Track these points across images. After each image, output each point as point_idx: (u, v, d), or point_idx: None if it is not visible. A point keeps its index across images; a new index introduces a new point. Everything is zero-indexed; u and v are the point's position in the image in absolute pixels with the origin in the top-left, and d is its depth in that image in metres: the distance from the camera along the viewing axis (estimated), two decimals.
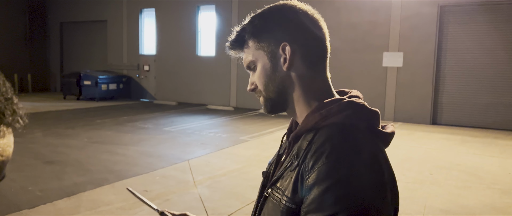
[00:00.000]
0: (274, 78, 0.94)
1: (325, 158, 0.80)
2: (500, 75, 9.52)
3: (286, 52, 0.92)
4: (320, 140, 0.84)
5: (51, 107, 12.12)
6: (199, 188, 4.83)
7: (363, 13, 10.73)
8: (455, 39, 9.96)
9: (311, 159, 0.82)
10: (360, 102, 0.91)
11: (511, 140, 8.15)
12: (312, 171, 0.81)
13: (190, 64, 13.77)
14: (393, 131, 0.92)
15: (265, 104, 0.99)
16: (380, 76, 10.69)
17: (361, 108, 0.90)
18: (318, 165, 0.80)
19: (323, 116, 0.88)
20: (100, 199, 4.37)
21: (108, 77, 14.11)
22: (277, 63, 0.93)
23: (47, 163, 5.77)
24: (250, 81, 1.00)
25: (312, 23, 0.95)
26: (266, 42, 0.94)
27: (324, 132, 0.86)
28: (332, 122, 0.87)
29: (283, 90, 0.95)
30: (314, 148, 0.84)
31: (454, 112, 10.05)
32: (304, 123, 0.91)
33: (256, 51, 0.95)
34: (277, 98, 0.96)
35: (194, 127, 9.00)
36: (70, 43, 17.11)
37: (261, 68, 0.95)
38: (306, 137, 0.89)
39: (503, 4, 9.35)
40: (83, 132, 8.14)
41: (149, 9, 14.61)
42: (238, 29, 0.98)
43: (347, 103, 0.90)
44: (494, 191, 4.89)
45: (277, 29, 0.93)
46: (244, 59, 0.99)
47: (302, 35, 0.93)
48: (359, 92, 1.00)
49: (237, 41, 0.98)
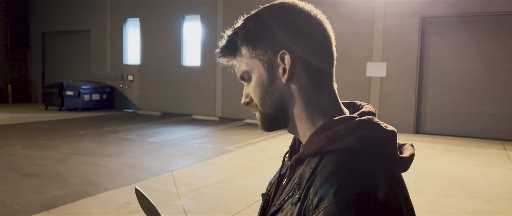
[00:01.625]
0: (271, 91, 0.82)
1: (332, 196, 0.67)
2: (479, 85, 9.73)
3: (286, 61, 0.80)
4: (327, 170, 0.71)
5: (31, 118, 11.85)
6: (183, 199, 4.75)
7: (347, 24, 10.87)
8: (436, 50, 10.16)
9: (315, 195, 0.69)
10: (374, 121, 0.77)
11: (492, 148, 8.29)
12: (317, 211, 0.68)
13: (175, 74, 13.69)
14: (412, 153, 0.80)
15: (262, 121, 0.86)
16: (364, 86, 10.80)
17: (375, 129, 0.76)
18: (324, 205, 0.67)
19: (330, 139, 0.75)
20: (80, 212, 4.26)
21: (91, 87, 13.91)
22: (275, 73, 0.81)
23: (26, 176, 5.61)
24: (245, 93, 0.88)
25: (316, 26, 0.82)
26: (262, 49, 0.81)
27: (331, 159, 0.73)
28: (340, 147, 0.73)
29: (283, 105, 0.83)
30: (320, 180, 0.71)
31: (437, 121, 10.21)
32: (307, 146, 0.78)
33: (251, 59, 0.83)
34: (276, 114, 0.84)
35: (178, 138, 8.90)
36: (53, 53, 16.85)
37: (257, 80, 0.83)
38: (310, 163, 0.76)
39: (481, 16, 9.59)
40: (64, 143, 7.97)
41: (133, 19, 14.52)
42: (229, 34, 0.86)
43: (358, 122, 0.75)
44: (476, 200, 4.95)
45: (274, 34, 0.80)
46: (237, 68, 0.87)
47: (304, 40, 0.80)
48: (372, 106, 0.86)
49: (229, 47, 0.86)
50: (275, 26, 0.81)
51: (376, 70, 10.65)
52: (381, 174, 0.70)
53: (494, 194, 5.15)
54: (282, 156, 0.96)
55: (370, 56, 10.72)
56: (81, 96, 13.46)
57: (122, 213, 4.24)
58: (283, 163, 0.98)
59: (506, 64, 9.45)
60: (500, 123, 9.54)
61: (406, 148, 0.81)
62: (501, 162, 7.05)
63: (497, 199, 4.98)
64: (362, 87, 10.80)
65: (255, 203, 4.65)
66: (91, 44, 15.49)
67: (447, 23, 9.99)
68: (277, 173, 0.98)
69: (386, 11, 10.43)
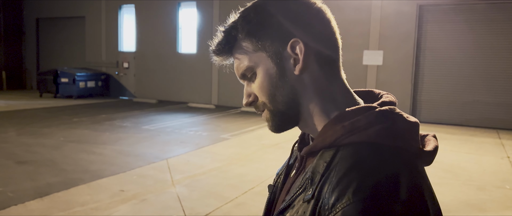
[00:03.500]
0: (282, 86, 0.76)
1: (352, 195, 0.61)
2: (476, 74, 9.72)
3: (297, 50, 0.73)
4: (344, 165, 0.65)
5: (26, 105, 11.78)
6: (177, 187, 4.75)
7: (344, 12, 10.78)
8: (433, 38, 10.12)
9: (332, 193, 0.63)
10: (396, 111, 0.71)
11: (487, 137, 8.33)
12: (334, 210, 0.62)
13: (170, 61, 13.61)
14: (436, 146, 0.74)
15: (272, 120, 0.79)
16: (361, 75, 10.78)
17: (397, 121, 0.70)
18: (342, 205, 0.61)
19: (347, 130, 0.69)
20: (74, 200, 4.25)
21: (86, 74, 13.81)
22: (285, 66, 0.75)
23: (20, 163, 5.59)
24: (246, 92, 0.80)
25: (319, 14, 0.77)
26: (269, 40, 0.75)
27: (348, 153, 0.67)
28: (358, 140, 0.68)
29: (295, 100, 0.76)
30: (336, 176, 0.65)
31: (433, 110, 10.23)
32: (322, 137, 0.72)
33: (255, 53, 0.76)
34: (288, 110, 0.77)
35: (174, 126, 8.88)
36: (47, 39, 16.67)
37: (264, 75, 0.76)
38: (324, 157, 0.70)
39: (479, 4, 9.54)
40: (59, 131, 7.93)
41: (129, 5, 14.36)
42: (226, 28, 0.78)
43: (379, 113, 0.70)
44: (469, 188, 4.98)
45: (280, 23, 0.74)
46: (236, 66, 0.79)
47: (312, 28, 0.75)
48: (393, 95, 0.79)
49: (227, 43, 0.78)
50: (280, 14, 0.75)
51: (373, 58, 10.62)
52: (404, 171, 0.64)
53: (487, 182, 5.18)
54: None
55: (367, 44, 10.67)
56: (76, 83, 13.38)
57: (116, 200, 4.23)
58: (292, 153, 0.92)
59: (503, 53, 9.44)
60: (496, 112, 9.57)
61: (428, 140, 0.76)
62: (496, 150, 7.09)
63: (490, 187, 5.01)
64: (358, 75, 10.77)
65: (250, 190, 4.65)
66: (86, 30, 15.33)
67: (445, 11, 9.93)
68: (285, 163, 0.92)
69: None
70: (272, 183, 0.92)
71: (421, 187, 0.65)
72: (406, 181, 0.63)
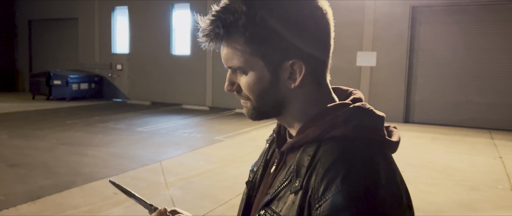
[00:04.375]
0: (272, 92, 0.78)
1: (340, 184, 0.67)
2: (468, 75, 9.80)
3: (296, 68, 0.76)
4: (329, 158, 0.71)
5: (18, 107, 11.68)
6: (171, 189, 4.73)
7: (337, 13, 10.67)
8: (426, 39, 10.18)
9: (321, 183, 0.69)
10: (367, 107, 0.78)
11: (479, 137, 8.39)
12: (324, 199, 0.67)
13: (164, 63, 13.56)
14: (400, 137, 0.81)
15: (251, 111, 0.81)
16: (354, 76, 10.82)
17: (370, 115, 0.77)
18: (332, 192, 0.67)
19: (328, 126, 0.74)
20: (66, 203, 4.21)
21: (79, 76, 13.72)
22: (280, 76, 0.77)
23: (12, 166, 5.54)
24: (230, 79, 0.81)
25: (318, 16, 0.77)
26: (270, 51, 0.75)
27: (331, 147, 0.72)
28: (339, 134, 0.73)
29: (282, 104, 0.80)
30: (323, 168, 0.70)
31: (426, 111, 10.29)
32: (304, 133, 0.77)
33: (251, 57, 0.75)
34: (271, 110, 0.81)
35: (167, 127, 8.85)
36: (40, 41, 16.55)
37: (256, 78, 0.77)
38: (307, 151, 0.75)
39: (471, 6, 9.62)
40: (52, 133, 7.87)
41: (122, 7, 14.30)
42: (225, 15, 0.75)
43: (354, 109, 0.76)
44: (462, 188, 5.00)
45: (284, 36, 0.74)
46: (226, 57, 0.78)
47: (314, 45, 0.77)
48: (360, 91, 0.86)
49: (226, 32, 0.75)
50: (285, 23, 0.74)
51: (366, 59, 10.66)
52: (381, 160, 0.72)
53: (480, 182, 5.21)
54: None
55: (360, 45, 10.71)
56: (69, 85, 13.29)
57: (109, 203, 4.21)
58: (267, 150, 0.96)
59: (494, 54, 9.52)
60: (488, 113, 9.65)
61: (392, 131, 0.82)
62: (488, 151, 7.14)
63: (482, 187, 5.04)
64: (352, 76, 10.81)
65: None
66: (79, 32, 15.24)
67: (436, 12, 10.00)
68: (261, 160, 0.96)
69: (376, 1, 10.40)
70: (249, 179, 0.95)
71: (394, 172, 0.73)
72: (383, 168, 0.71)
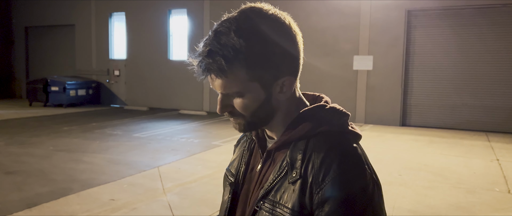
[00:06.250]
0: (266, 107, 0.89)
1: (336, 168, 0.80)
2: (463, 78, 9.85)
3: (286, 83, 0.88)
4: (323, 149, 0.84)
5: (15, 114, 11.65)
6: (168, 195, 4.72)
7: (333, 18, 10.88)
8: (421, 43, 10.23)
9: (320, 170, 0.81)
10: (338, 107, 0.93)
11: (476, 140, 8.42)
12: (324, 182, 0.80)
13: (161, 68, 13.57)
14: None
15: (244, 126, 0.91)
16: (351, 80, 10.85)
17: (342, 113, 0.92)
18: (330, 176, 0.80)
19: (315, 124, 0.88)
20: (63, 210, 4.20)
21: (76, 82, 13.71)
22: (272, 93, 0.88)
23: (8, 173, 5.51)
24: (223, 103, 0.89)
25: (292, 35, 0.88)
26: (266, 74, 0.85)
27: (320, 140, 0.86)
28: (326, 130, 0.87)
29: (272, 115, 0.92)
30: (318, 158, 0.83)
31: (422, 114, 10.32)
32: (292, 132, 0.89)
33: (249, 82, 0.85)
34: (263, 121, 0.92)
35: (165, 133, 8.84)
36: (36, 48, 16.53)
37: (253, 99, 0.87)
38: (298, 146, 0.87)
39: (465, 9, 9.68)
40: (49, 140, 7.85)
41: (119, 13, 14.32)
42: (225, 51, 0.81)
43: (331, 109, 0.92)
44: (459, 191, 5.02)
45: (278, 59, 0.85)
46: (224, 85, 0.85)
47: (296, 62, 0.89)
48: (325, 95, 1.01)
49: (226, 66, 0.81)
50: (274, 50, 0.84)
51: (363, 63, 10.70)
52: (358, 147, 0.88)
53: (477, 185, 5.23)
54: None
55: (356, 49, 10.75)
56: (67, 91, 13.27)
57: (106, 210, 4.20)
58: (243, 153, 1.05)
59: (489, 57, 9.57)
60: (484, 115, 9.68)
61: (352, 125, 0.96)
62: (485, 153, 7.16)
63: (479, 190, 5.06)
64: (349, 80, 10.84)
65: None
66: (76, 38, 15.25)
67: (431, 16, 10.06)
68: (239, 163, 1.03)
69: (372, 4, 10.46)
70: (232, 181, 1.03)
71: (366, 156, 0.89)
72: (362, 154, 0.87)
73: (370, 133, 9.14)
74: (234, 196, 1.01)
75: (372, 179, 0.84)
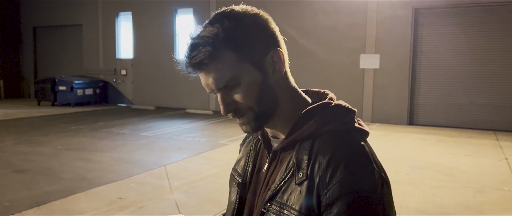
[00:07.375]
0: (266, 90, 0.86)
1: (344, 169, 0.78)
2: (470, 76, 9.76)
3: (276, 59, 0.86)
4: (329, 148, 0.81)
5: (24, 113, 11.76)
6: (175, 194, 4.74)
7: (340, 16, 10.83)
8: (428, 41, 10.16)
9: (327, 171, 0.79)
10: (344, 104, 0.90)
11: (484, 139, 8.34)
12: (332, 183, 0.78)
13: (168, 67, 13.59)
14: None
15: (254, 121, 0.87)
16: (358, 78, 10.80)
17: (348, 111, 0.89)
18: (338, 178, 0.78)
19: (321, 123, 0.85)
20: (71, 208, 4.24)
21: (84, 82, 13.81)
22: (267, 72, 0.86)
23: (17, 172, 5.57)
24: (225, 101, 0.87)
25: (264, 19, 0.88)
26: (253, 51, 0.84)
27: (326, 139, 0.83)
28: (332, 128, 0.85)
29: (277, 101, 0.88)
30: (325, 158, 0.80)
31: (430, 113, 10.24)
32: (298, 132, 0.86)
33: (239, 64, 0.83)
34: (271, 110, 0.88)
35: (172, 132, 8.88)
36: (44, 48, 16.68)
37: (251, 82, 0.84)
38: (303, 146, 0.85)
39: (473, 7, 9.59)
40: (57, 139, 7.92)
41: (126, 13, 14.39)
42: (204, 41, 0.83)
43: (337, 106, 0.89)
44: (467, 190, 4.98)
45: (258, 35, 0.85)
46: (216, 77, 0.85)
47: (272, 36, 0.88)
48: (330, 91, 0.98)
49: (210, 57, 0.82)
50: (255, 25, 0.85)
51: (370, 62, 10.65)
52: (367, 145, 0.85)
53: (485, 184, 5.18)
54: None
55: (363, 47, 10.70)
56: (74, 91, 13.37)
57: (114, 208, 4.22)
58: (249, 153, 1.03)
59: (497, 55, 9.48)
60: (492, 114, 9.59)
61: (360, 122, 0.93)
62: (493, 152, 7.10)
63: (488, 189, 5.01)
64: (355, 79, 10.80)
65: None
66: (83, 38, 15.35)
67: (438, 14, 9.98)
68: (246, 163, 1.02)
69: (379, 3, 10.40)
70: (240, 181, 1.02)
71: (374, 154, 0.86)
72: (370, 152, 0.84)
73: (377, 132, 9.10)
74: (241, 197, 1.01)
75: (380, 178, 0.81)
